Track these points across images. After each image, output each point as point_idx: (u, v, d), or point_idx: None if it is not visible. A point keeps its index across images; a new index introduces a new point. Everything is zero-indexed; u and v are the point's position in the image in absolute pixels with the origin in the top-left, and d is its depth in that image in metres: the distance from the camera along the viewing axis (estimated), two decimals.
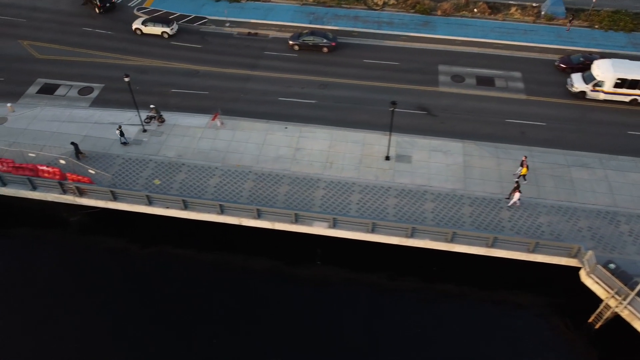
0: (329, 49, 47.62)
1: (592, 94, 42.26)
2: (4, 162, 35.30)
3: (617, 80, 41.15)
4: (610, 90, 41.76)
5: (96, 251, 35.30)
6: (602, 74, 41.57)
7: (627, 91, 41.59)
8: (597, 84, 41.74)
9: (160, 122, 39.25)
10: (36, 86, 43.29)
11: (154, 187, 34.86)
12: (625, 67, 41.76)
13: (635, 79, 40.93)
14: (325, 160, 36.91)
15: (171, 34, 49.01)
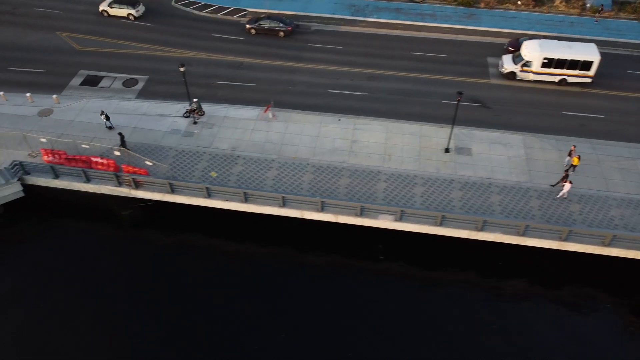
0: (285, 33, 47.48)
1: (521, 75, 42.33)
2: (55, 154, 34.41)
3: (544, 60, 41.12)
4: (539, 70, 41.80)
5: (148, 245, 34.25)
6: (529, 53, 41.53)
7: (555, 71, 41.60)
8: (525, 64, 41.72)
9: (199, 116, 38.33)
10: (79, 78, 42.37)
11: (210, 180, 34.04)
12: (552, 46, 41.68)
13: (561, 59, 40.88)
14: (383, 152, 36.04)
15: (137, 15, 49.27)
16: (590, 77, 41.53)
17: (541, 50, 41.06)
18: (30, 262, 33.13)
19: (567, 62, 40.91)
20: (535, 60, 41.31)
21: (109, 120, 37.28)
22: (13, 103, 39.57)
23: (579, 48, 41.66)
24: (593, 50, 41.25)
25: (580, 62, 40.89)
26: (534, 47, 41.56)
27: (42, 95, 40.09)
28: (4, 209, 34.63)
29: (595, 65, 40.89)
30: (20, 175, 33.89)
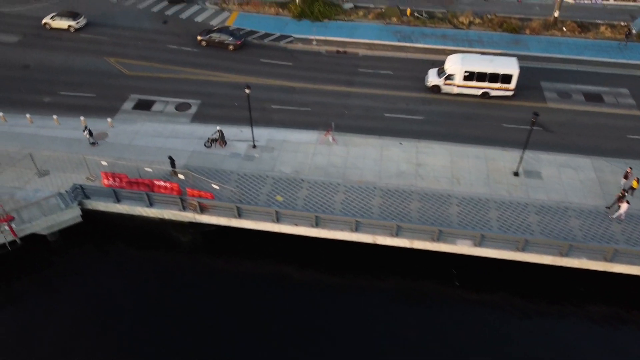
0: (235, 47, 48.49)
1: (446, 88, 42.93)
2: (116, 177, 33.45)
3: (465, 73, 41.87)
4: (461, 84, 42.41)
5: (210, 273, 32.81)
6: (451, 67, 42.29)
7: (477, 84, 42.25)
8: (448, 77, 42.46)
9: (222, 146, 37.14)
10: (131, 102, 41.84)
11: (276, 204, 32.97)
12: (473, 60, 42.55)
13: (481, 72, 41.57)
14: (450, 175, 35.08)
15: (77, 27, 50.70)
16: (511, 90, 42.26)
17: (462, 64, 41.89)
18: (86, 290, 31.63)
19: (487, 75, 41.68)
20: (457, 74, 42.10)
21: (92, 137, 36.97)
22: (66, 127, 38.88)
23: (499, 62, 42.47)
24: (513, 64, 41.95)
25: (500, 76, 41.67)
26: (455, 61, 42.41)
27: (95, 119, 39.52)
28: (60, 235, 33.58)
29: (514, 78, 41.60)
30: (79, 200, 32.95)
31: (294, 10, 52.93)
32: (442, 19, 52.34)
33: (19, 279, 32.22)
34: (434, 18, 52.40)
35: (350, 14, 53.07)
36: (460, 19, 51.81)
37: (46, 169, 35.17)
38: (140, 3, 55.38)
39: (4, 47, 48.36)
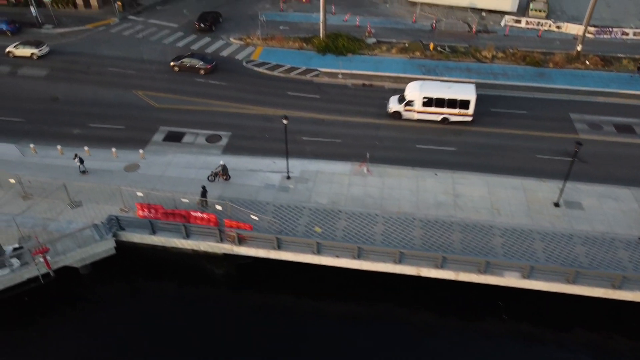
0: (206, 71, 49.62)
1: (406, 114, 43.56)
2: (152, 208, 32.87)
3: (424, 99, 42.50)
4: (421, 109, 43.00)
5: (247, 308, 31.67)
6: (410, 93, 43.04)
7: (436, 110, 42.82)
8: (408, 104, 43.08)
9: (225, 179, 36.57)
10: (161, 134, 41.68)
11: (315, 236, 32.24)
12: (431, 86, 43.48)
13: (440, 98, 42.24)
14: (490, 206, 34.47)
15: (40, 54, 51.92)
16: (470, 116, 42.70)
17: (421, 90, 42.56)
18: (117, 324, 30.54)
19: (446, 101, 42.24)
20: (416, 100, 42.70)
21: (82, 164, 36.85)
22: (97, 158, 38.55)
23: (457, 88, 43.25)
24: (470, 90, 42.61)
25: (458, 101, 42.19)
26: (414, 87, 43.21)
27: (126, 151, 39.31)
28: (91, 267, 32.72)
29: (472, 104, 42.04)
30: (114, 231, 32.27)
31: (318, 44, 53.58)
32: (464, 53, 52.92)
33: (50, 312, 31.20)
34: (457, 52, 52.99)
35: (373, 48, 53.68)
36: (483, 53, 52.39)
37: (78, 200, 34.65)
38: (166, 38, 56.16)
39: (33, 80, 48.68)
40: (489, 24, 59.67)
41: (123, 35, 56.95)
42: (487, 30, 58.36)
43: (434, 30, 58.25)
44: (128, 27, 58.74)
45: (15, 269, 29.69)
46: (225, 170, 36.49)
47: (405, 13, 63.29)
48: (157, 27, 58.76)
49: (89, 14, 61.75)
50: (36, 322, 30.57)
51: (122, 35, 56.80)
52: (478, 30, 57.86)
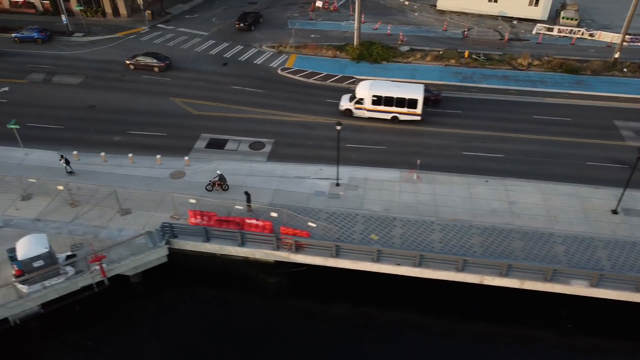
0: (160, 69, 50.99)
1: (357, 112, 44.28)
2: (205, 216, 32.23)
3: (373, 97, 43.13)
4: (371, 108, 43.68)
5: (300, 317, 30.96)
6: (360, 92, 43.74)
7: (385, 108, 43.40)
8: (358, 102, 43.82)
9: (223, 189, 35.77)
10: (203, 141, 41.18)
11: (371, 243, 31.58)
12: (380, 85, 44.17)
13: (388, 96, 42.80)
14: (546, 214, 33.81)
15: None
16: (419, 115, 43.09)
17: (370, 89, 43.21)
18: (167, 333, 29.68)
19: (394, 100, 42.74)
20: (366, 98, 43.35)
21: (69, 165, 36.85)
22: (140, 165, 38.05)
23: (406, 88, 43.70)
24: (418, 90, 43.09)
25: (406, 100, 42.62)
26: (364, 86, 43.86)
27: (170, 158, 38.75)
28: (142, 276, 32.02)
29: (419, 103, 42.49)
30: (167, 239, 31.64)
31: (352, 52, 53.39)
32: (499, 60, 52.66)
33: (102, 321, 30.29)
34: (492, 60, 52.75)
35: (407, 56, 53.45)
36: (518, 61, 52.12)
37: (127, 208, 34.08)
38: (198, 46, 56.04)
39: (69, 88, 48.39)
40: (520, 32, 59.55)
41: (154, 43, 56.83)
42: (519, 38, 58.21)
43: (465, 38, 58.13)
44: (158, 35, 58.70)
45: (71, 277, 29.06)
46: (222, 180, 35.85)
47: (434, 21, 63.31)
48: (187, 35, 58.73)
49: (118, 22, 61.77)
50: (89, 331, 29.73)
51: (153, 44, 56.67)
52: (510, 38, 57.73)
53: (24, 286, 28.12)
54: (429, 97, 45.91)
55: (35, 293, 28.11)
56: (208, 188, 35.88)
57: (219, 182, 35.64)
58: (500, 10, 61.74)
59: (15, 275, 28.21)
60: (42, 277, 28.29)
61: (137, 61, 51.09)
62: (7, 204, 34.18)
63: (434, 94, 46.55)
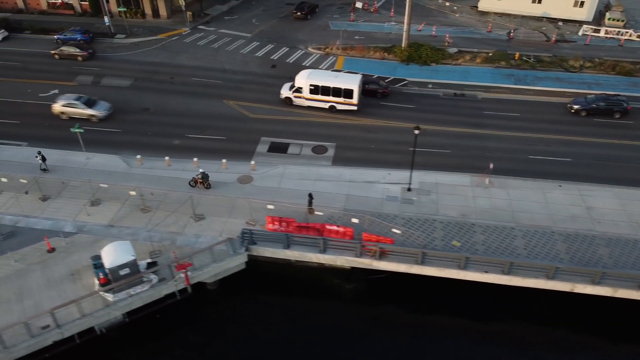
0: (83, 58, 52.57)
1: (296, 100, 45.50)
2: (283, 222, 31.63)
3: (310, 87, 44.28)
4: (309, 97, 44.87)
5: (377, 323, 30.47)
6: (299, 81, 44.95)
7: (322, 97, 44.54)
8: (297, 90, 45.01)
9: (205, 187, 35.50)
10: (264, 145, 40.59)
11: (455, 249, 31.02)
12: (318, 75, 45.35)
13: (325, 86, 43.88)
14: (627, 220, 33.17)
15: None
16: (355, 105, 44.15)
17: (308, 78, 44.45)
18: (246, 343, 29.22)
19: (331, 89, 43.82)
20: (304, 87, 44.53)
21: (44, 162, 36.83)
22: (204, 169, 37.23)
23: (343, 78, 44.77)
24: (354, 80, 44.12)
25: (342, 90, 43.72)
26: (302, 76, 45.03)
27: (233, 162, 38.12)
28: (219, 283, 31.45)
29: (355, 93, 43.48)
30: (246, 245, 31.06)
31: (400, 54, 52.77)
32: (550, 62, 52.03)
33: (182, 330, 29.81)
34: (542, 62, 52.11)
35: (456, 58, 52.82)
36: (570, 63, 51.52)
37: (200, 213, 33.50)
38: (243, 48, 55.40)
39: (120, 90, 47.77)
40: (566, 34, 58.93)
41: (198, 45, 56.21)
42: (565, 39, 57.59)
43: (511, 39, 57.52)
44: (201, 37, 58.07)
45: (155, 284, 28.51)
46: (205, 178, 35.62)
47: (476, 22, 62.67)
48: (230, 36, 58.09)
49: (158, 23, 61.11)
50: (172, 339, 29.18)
51: (197, 45, 56.05)
52: (557, 40, 57.09)
53: (110, 295, 27.66)
54: (377, 89, 47.15)
55: (121, 301, 27.61)
56: (191, 184, 35.86)
57: (200, 180, 35.56)
58: (544, 11, 61.11)
59: (101, 283, 27.73)
60: (128, 285, 27.84)
61: (61, 51, 53.11)
62: (78, 210, 33.65)
63: (382, 87, 47.37)
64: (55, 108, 43.28)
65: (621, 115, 43.81)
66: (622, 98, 44.45)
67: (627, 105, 43.86)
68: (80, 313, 26.67)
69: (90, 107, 43.01)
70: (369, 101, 46.58)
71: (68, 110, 43.04)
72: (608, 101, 44.13)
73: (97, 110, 43.10)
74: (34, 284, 28.67)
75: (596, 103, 44.08)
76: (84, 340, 27.09)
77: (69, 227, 32.28)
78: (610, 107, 43.87)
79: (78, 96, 43.66)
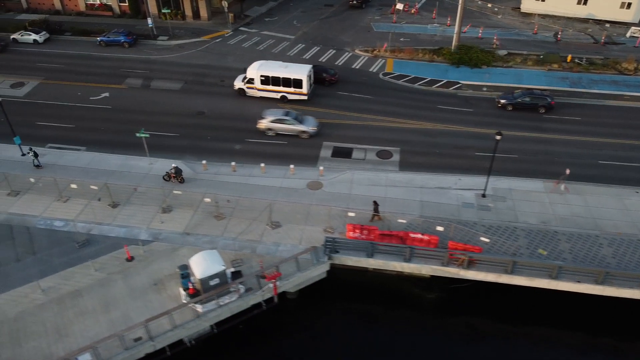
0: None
1: (249, 91, 46.48)
2: (365, 229, 30.93)
3: (261, 77, 45.30)
4: (260, 87, 45.86)
5: (465, 333, 29.81)
6: (250, 72, 45.92)
7: (273, 88, 45.52)
8: (249, 81, 46.00)
9: (179, 182, 35.60)
10: (327, 149, 39.87)
11: (542, 258, 30.34)
12: (269, 66, 46.06)
13: (275, 76, 44.87)
14: None
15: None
16: (305, 95, 45.15)
17: (258, 69, 45.46)
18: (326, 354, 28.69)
19: (281, 79, 44.79)
20: (255, 78, 45.58)
21: (37, 158, 37.10)
22: (272, 175, 36.82)
23: (292, 68, 45.55)
24: (303, 70, 44.93)
25: (292, 80, 44.71)
26: (254, 67, 46.01)
27: (299, 167, 37.41)
28: (298, 293, 30.77)
29: (304, 83, 44.48)
30: (328, 254, 30.39)
31: (450, 57, 52.06)
32: (603, 65, 51.32)
33: (266, 339, 29.21)
34: (595, 64, 51.41)
35: (507, 60, 52.10)
36: (623, 65, 50.81)
37: (277, 221, 32.81)
38: (289, 50, 54.66)
39: (171, 93, 47.13)
40: (613, 35, 58.20)
41: (243, 47, 55.48)
42: (613, 41, 56.89)
43: (558, 41, 56.82)
44: (244, 39, 57.34)
45: (242, 294, 27.86)
46: (178, 172, 35.65)
47: (519, 24, 61.91)
48: (274, 38, 57.37)
49: (199, 25, 60.38)
50: (257, 349, 28.56)
51: (242, 47, 55.32)
52: (605, 42, 56.38)
53: (199, 305, 27.00)
54: (325, 77, 48.13)
55: (211, 312, 26.97)
56: (165, 178, 35.93)
57: (174, 174, 35.54)
58: (589, 12, 60.37)
59: (189, 294, 27.06)
60: (217, 295, 27.17)
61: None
62: (150, 217, 33.01)
63: (329, 74, 48.31)
64: (262, 124, 41.11)
65: (546, 110, 44.59)
66: (546, 93, 45.52)
67: (551, 100, 44.65)
68: (172, 324, 26.12)
69: (300, 123, 41.11)
70: (423, 104, 45.95)
71: (276, 126, 40.88)
72: (532, 96, 44.95)
73: (307, 126, 40.94)
74: (118, 294, 28.06)
75: (521, 98, 44.89)
76: (175, 352, 26.45)
77: (144, 235, 31.65)
78: (535, 102, 44.66)
79: (286, 111, 41.52)
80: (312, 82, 46.35)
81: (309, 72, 45.12)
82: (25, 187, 35.34)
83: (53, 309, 27.24)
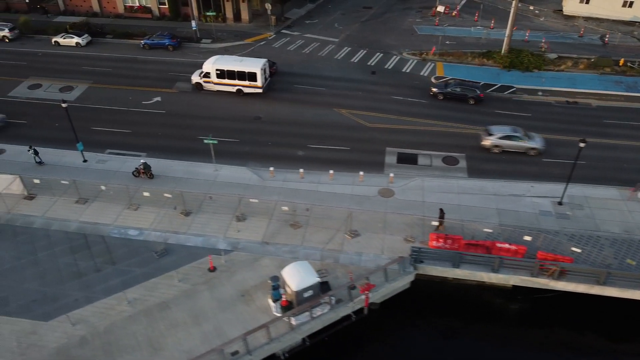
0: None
1: (206, 85, 47.15)
2: (449, 239, 30.39)
3: (217, 71, 45.92)
4: (217, 81, 46.52)
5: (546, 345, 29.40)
6: (206, 66, 46.52)
7: (229, 81, 46.26)
8: (205, 75, 46.79)
9: (149, 178, 36.08)
10: (391, 156, 39.30)
11: (632, 268, 29.78)
12: (224, 60, 46.87)
13: (230, 70, 45.66)
14: None
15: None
16: (260, 88, 46.00)
17: (214, 63, 46.11)
18: None
19: (236, 73, 45.61)
20: (211, 72, 46.22)
21: (37, 155, 37.61)
22: (340, 182, 36.25)
23: (247, 62, 46.37)
24: (257, 64, 45.70)
25: (246, 74, 45.55)
26: (210, 61, 46.66)
27: (367, 174, 36.75)
28: (380, 305, 30.16)
29: (259, 76, 45.26)
30: (413, 264, 29.83)
31: (501, 60, 51.49)
32: None
33: (351, 351, 28.66)
34: None
35: (558, 64, 51.56)
36: None
37: (355, 229, 32.20)
38: (336, 54, 54.13)
39: (224, 97, 46.47)
40: None
41: (288, 50, 54.98)
42: None
43: (605, 44, 56.32)
44: (288, 42, 56.83)
45: (334, 306, 27.29)
46: (147, 168, 36.10)
47: (562, 26, 61.40)
48: (318, 41, 56.85)
49: (240, 27, 59.88)
50: None
51: (288, 51, 54.82)
52: None
53: (293, 318, 26.42)
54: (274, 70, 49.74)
55: (304, 324, 26.41)
56: (134, 174, 36.38)
57: (143, 170, 35.71)
58: (634, 15, 59.82)
59: (282, 306, 26.49)
60: (310, 307, 26.60)
61: None
62: (225, 226, 32.44)
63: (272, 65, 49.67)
64: (488, 141, 39.21)
65: (475, 102, 45.65)
66: (476, 85, 46.54)
67: (480, 92, 45.73)
68: (268, 338, 25.56)
69: (530, 139, 39.10)
70: (484, 109, 45.12)
71: (505, 143, 38.96)
72: (463, 87, 46.06)
73: (536, 143, 39.16)
74: (206, 305, 27.46)
75: (452, 88, 46.12)
76: None
77: (222, 244, 31.07)
78: (464, 93, 45.68)
79: (513, 128, 39.55)
80: (267, 75, 46.94)
81: (263, 66, 45.76)
82: (93, 194, 34.88)
83: (142, 322, 26.69)
